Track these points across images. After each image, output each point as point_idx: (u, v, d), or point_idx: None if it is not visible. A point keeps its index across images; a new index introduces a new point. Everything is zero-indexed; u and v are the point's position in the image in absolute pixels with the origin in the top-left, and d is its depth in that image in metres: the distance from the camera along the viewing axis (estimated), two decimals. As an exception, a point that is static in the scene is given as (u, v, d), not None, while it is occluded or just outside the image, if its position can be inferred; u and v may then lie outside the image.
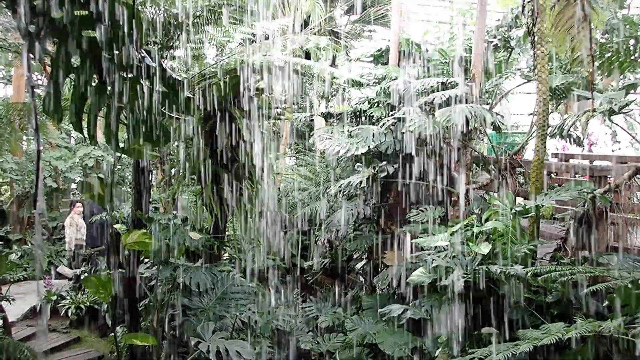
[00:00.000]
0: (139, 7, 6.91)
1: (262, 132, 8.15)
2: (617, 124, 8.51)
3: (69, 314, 10.08)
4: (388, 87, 8.93)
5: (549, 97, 6.73)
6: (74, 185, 15.16)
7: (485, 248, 5.53)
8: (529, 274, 5.15)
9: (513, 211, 5.75)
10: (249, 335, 6.98)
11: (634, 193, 6.26)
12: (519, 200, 6.78)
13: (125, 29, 2.56)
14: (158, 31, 7.37)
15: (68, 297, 10.39)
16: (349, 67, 12.07)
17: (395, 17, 11.03)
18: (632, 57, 7.89)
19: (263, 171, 8.35)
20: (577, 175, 8.04)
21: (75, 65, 2.68)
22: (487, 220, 5.92)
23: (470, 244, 5.75)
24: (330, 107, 11.98)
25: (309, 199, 10.54)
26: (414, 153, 7.97)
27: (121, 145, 2.98)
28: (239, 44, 8.79)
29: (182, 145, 8.38)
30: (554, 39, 6.88)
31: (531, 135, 8.10)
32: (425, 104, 7.97)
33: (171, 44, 7.82)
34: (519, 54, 10.83)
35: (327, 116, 10.31)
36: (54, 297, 10.54)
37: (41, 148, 13.53)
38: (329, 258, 10.32)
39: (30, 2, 2.49)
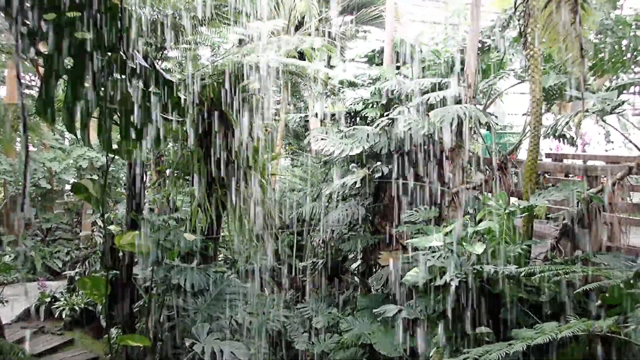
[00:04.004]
0: (132, 8, 6.90)
1: (257, 133, 8.15)
2: (610, 124, 8.55)
3: (64, 316, 10.06)
4: (382, 88, 8.94)
5: (542, 97, 6.76)
6: (68, 187, 15.10)
7: (479, 248, 5.55)
8: (522, 273, 5.17)
9: (507, 211, 5.77)
10: (243, 336, 6.97)
11: (627, 193, 6.29)
12: (513, 200, 6.81)
13: (118, 31, 2.56)
14: (151, 32, 7.36)
15: (62, 299, 10.36)
16: (344, 68, 12.07)
17: (389, 17, 11.06)
18: (625, 58, 7.94)
19: (258, 172, 8.35)
20: (570, 175, 8.08)
21: (68, 67, 2.68)
22: (481, 220, 5.94)
23: (465, 244, 5.77)
24: (325, 107, 11.98)
25: (304, 200, 10.54)
26: (408, 154, 7.99)
27: (114, 146, 2.97)
28: (233, 45, 8.79)
29: (176, 146, 8.36)
30: (546, 40, 6.91)
31: (525, 136, 8.13)
32: (419, 105, 7.99)
33: (165, 44, 7.80)
34: (512, 54, 10.86)
35: (322, 117, 10.31)
36: (48, 299, 10.50)
37: (35, 149, 13.48)
38: (323, 259, 10.32)
39: (22, 3, 2.48)
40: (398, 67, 10.43)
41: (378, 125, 8.35)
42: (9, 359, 6.29)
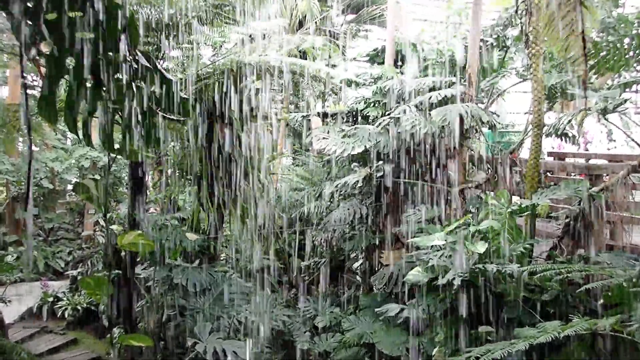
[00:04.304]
0: (134, 8, 6.90)
1: (259, 132, 8.15)
2: (612, 123, 8.53)
3: (66, 315, 10.08)
4: (384, 87, 8.93)
5: (544, 96, 6.75)
6: (70, 187, 15.12)
7: (481, 247, 5.54)
8: (525, 272, 5.16)
9: (509, 210, 5.76)
10: (246, 336, 6.97)
11: (629, 191, 6.28)
12: (515, 199, 6.81)
13: (120, 31, 2.55)
14: (152, 31, 7.36)
15: (65, 299, 10.38)
16: (345, 67, 12.06)
17: (390, 16, 11.04)
18: (627, 56, 7.91)
19: (259, 171, 8.35)
20: (572, 174, 8.06)
21: (69, 67, 2.68)
22: (483, 219, 5.93)
23: (467, 243, 5.76)
24: (327, 106, 11.98)
25: (306, 199, 10.54)
26: (410, 152, 7.98)
27: (116, 146, 2.97)
28: (235, 44, 8.78)
29: (178, 145, 8.36)
30: (548, 38, 6.89)
31: (527, 134, 8.12)
32: (421, 103, 7.98)
33: (166, 44, 7.80)
34: (514, 53, 10.84)
35: (323, 116, 10.30)
36: (51, 299, 10.52)
37: (37, 149, 13.50)
38: (325, 258, 10.31)
39: (24, 3, 2.48)
40: (400, 66, 10.42)
41: (380, 124, 8.34)
42: (11, 359, 6.30)
